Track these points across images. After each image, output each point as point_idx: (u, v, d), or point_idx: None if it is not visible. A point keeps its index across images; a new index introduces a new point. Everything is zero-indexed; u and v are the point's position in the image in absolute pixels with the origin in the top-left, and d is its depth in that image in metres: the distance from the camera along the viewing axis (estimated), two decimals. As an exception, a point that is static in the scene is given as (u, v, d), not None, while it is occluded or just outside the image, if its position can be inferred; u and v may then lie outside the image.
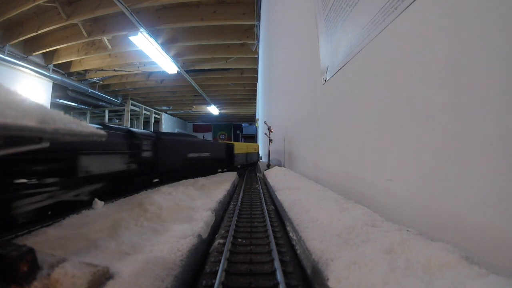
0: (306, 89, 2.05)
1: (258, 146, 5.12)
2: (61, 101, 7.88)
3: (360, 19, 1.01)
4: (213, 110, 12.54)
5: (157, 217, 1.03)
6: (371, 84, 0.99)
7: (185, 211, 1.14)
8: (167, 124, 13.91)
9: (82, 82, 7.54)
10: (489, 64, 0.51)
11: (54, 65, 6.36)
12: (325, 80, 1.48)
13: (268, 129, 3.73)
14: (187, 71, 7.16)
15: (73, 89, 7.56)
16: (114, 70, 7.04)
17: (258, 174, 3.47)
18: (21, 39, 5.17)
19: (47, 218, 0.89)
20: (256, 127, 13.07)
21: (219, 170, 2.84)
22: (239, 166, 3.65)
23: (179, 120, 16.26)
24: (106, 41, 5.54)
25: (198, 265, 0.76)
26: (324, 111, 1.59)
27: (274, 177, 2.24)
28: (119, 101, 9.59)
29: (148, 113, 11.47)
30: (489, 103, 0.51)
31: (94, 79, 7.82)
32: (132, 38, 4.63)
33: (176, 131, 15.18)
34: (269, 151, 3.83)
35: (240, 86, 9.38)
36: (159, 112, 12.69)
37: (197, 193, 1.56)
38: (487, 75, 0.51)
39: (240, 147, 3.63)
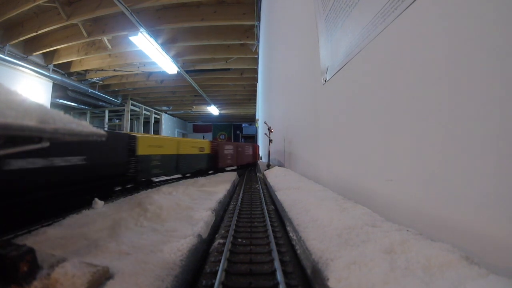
0: (306, 89, 2.05)
1: (209, 144, 2.82)
2: (61, 101, 7.89)
3: (360, 19, 1.01)
4: (213, 110, 12.54)
5: (157, 217, 1.03)
6: (371, 84, 0.99)
7: (185, 211, 1.14)
8: (167, 124, 13.90)
9: (82, 82, 7.55)
10: (489, 65, 0.51)
11: (54, 65, 6.36)
12: (325, 81, 1.48)
13: (268, 129, 3.73)
14: (187, 71, 7.16)
15: (73, 89, 7.56)
16: (114, 70, 7.04)
17: (258, 174, 3.47)
18: (21, 39, 5.17)
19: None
20: (256, 127, 13.06)
21: (119, 188, 1.54)
22: (155, 180, 2.00)
23: (179, 120, 16.26)
24: (106, 41, 5.54)
25: (198, 265, 0.76)
26: (324, 111, 1.59)
27: (274, 177, 2.24)
28: (119, 101, 9.60)
29: (148, 113, 11.48)
30: (489, 104, 0.51)
31: (94, 79, 7.82)
32: (132, 38, 4.63)
33: (176, 131, 15.14)
34: (269, 151, 3.83)
35: (240, 86, 9.38)
36: (159, 112, 12.69)
37: (197, 193, 1.56)
38: (487, 75, 0.51)
39: (154, 143, 1.79)
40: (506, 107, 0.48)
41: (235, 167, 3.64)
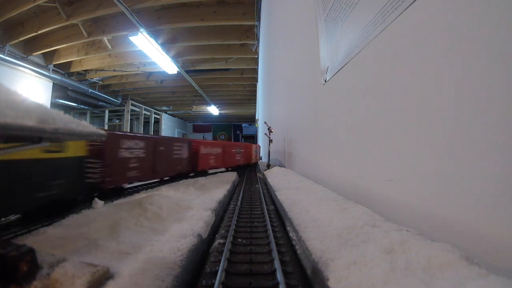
0: (306, 89, 2.05)
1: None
2: (61, 101, 7.89)
3: (360, 20, 1.01)
4: (213, 110, 12.54)
5: (157, 216, 1.03)
6: (371, 84, 0.99)
7: (185, 211, 1.14)
8: (167, 124, 13.90)
9: (82, 82, 7.55)
10: (490, 64, 0.51)
11: (54, 65, 6.36)
12: (325, 81, 1.48)
13: (268, 129, 3.73)
14: (187, 71, 7.16)
15: (73, 89, 7.56)
16: (114, 70, 7.04)
17: (258, 174, 3.47)
18: (21, 39, 5.17)
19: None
20: (256, 127, 13.07)
21: None
22: None
23: (179, 121, 16.25)
24: (106, 41, 5.54)
25: (198, 265, 0.76)
26: (324, 111, 1.59)
27: (274, 177, 2.24)
28: (119, 101, 9.59)
29: (148, 113, 11.48)
30: (489, 104, 0.51)
31: (94, 79, 7.82)
32: (132, 38, 4.63)
33: (176, 131, 15.14)
34: (269, 151, 3.83)
35: (240, 86, 9.38)
36: (159, 112, 12.69)
37: (197, 193, 1.56)
38: (487, 76, 0.51)
39: None
40: (506, 107, 0.48)
41: (156, 180, 1.98)
